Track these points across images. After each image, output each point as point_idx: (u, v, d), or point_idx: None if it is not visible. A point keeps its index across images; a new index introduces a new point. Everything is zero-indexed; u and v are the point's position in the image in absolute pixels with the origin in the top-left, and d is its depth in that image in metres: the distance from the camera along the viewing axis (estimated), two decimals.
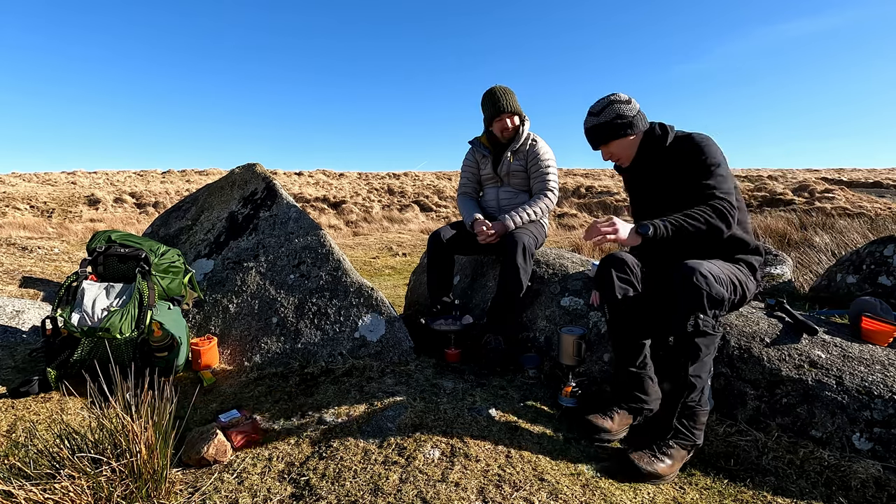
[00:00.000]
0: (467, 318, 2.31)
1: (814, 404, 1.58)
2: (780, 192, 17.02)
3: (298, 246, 2.53)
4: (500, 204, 2.54)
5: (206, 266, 2.61)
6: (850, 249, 4.30)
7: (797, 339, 1.79)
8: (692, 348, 1.46)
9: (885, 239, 3.31)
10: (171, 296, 2.21)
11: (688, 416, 1.47)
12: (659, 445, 1.44)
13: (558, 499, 1.28)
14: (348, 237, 11.67)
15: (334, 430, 1.62)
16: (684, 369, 1.46)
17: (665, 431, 1.47)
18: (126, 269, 2.08)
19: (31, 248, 4.97)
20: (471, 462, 1.43)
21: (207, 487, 1.33)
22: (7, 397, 1.80)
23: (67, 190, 19.01)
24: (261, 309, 2.36)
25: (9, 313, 2.66)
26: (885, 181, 20.06)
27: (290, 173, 25.10)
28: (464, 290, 2.78)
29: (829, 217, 8.05)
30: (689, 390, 1.46)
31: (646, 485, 1.37)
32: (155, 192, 19.00)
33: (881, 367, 1.63)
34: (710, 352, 1.49)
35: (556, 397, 1.87)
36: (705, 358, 1.47)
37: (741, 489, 1.38)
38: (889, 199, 15.55)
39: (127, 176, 24.99)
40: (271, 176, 2.96)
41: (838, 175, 22.98)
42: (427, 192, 20.08)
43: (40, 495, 1.09)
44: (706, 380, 1.50)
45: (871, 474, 1.38)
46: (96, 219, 13.69)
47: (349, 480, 1.34)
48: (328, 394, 1.89)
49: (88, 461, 1.18)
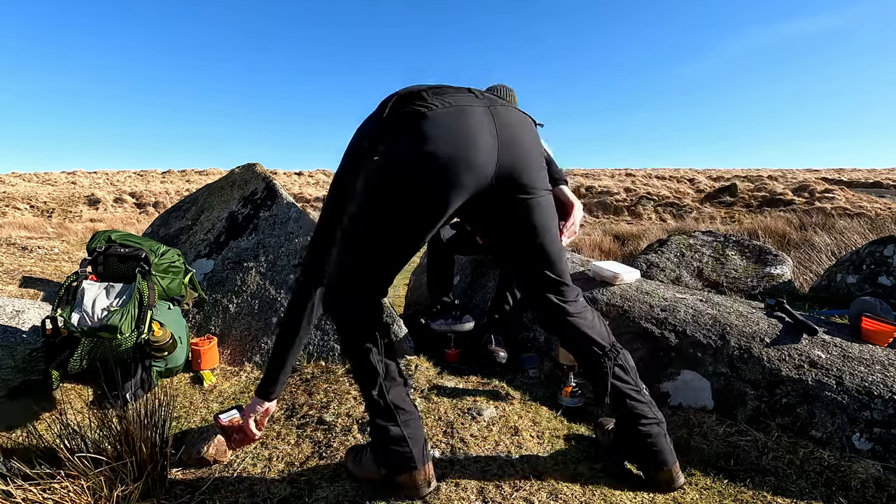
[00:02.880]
0: (467, 319, 2.31)
1: (814, 404, 1.58)
2: (780, 192, 17.03)
3: (299, 246, 2.53)
4: None
5: (206, 266, 2.61)
6: (850, 249, 4.31)
7: (797, 339, 1.79)
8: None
9: (885, 239, 3.31)
10: (171, 296, 2.21)
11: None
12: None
13: (558, 499, 1.28)
14: None
15: (334, 430, 1.62)
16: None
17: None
18: (126, 269, 2.08)
19: (31, 248, 4.97)
20: (471, 462, 1.43)
21: (207, 487, 1.33)
22: (7, 397, 1.80)
23: (67, 190, 19.01)
24: (261, 309, 2.36)
25: (9, 313, 2.66)
26: (885, 181, 20.06)
27: (290, 173, 25.10)
28: (464, 290, 2.78)
29: (829, 217, 8.06)
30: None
31: (646, 484, 1.37)
32: (155, 192, 19.00)
33: (881, 367, 1.63)
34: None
35: (556, 397, 1.87)
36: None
37: (741, 489, 1.37)
38: (889, 199, 15.55)
39: (127, 176, 25.00)
40: (271, 176, 2.96)
41: (838, 175, 22.98)
42: None
43: (40, 495, 1.09)
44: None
45: (871, 474, 1.38)
46: (96, 219, 13.69)
47: (349, 481, 1.34)
48: (328, 394, 1.89)
49: (88, 461, 1.18)
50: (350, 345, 1.27)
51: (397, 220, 1.17)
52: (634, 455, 1.39)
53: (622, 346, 1.41)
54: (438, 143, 1.08)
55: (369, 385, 1.26)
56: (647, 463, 1.36)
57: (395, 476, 1.25)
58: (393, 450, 1.24)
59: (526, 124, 1.23)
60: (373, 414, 1.27)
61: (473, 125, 1.11)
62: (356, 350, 1.26)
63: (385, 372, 1.26)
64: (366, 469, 1.32)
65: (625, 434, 1.39)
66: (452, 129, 1.09)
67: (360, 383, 1.29)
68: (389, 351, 1.29)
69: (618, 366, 1.35)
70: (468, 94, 1.16)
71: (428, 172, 1.10)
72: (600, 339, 1.36)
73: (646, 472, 1.37)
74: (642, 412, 1.34)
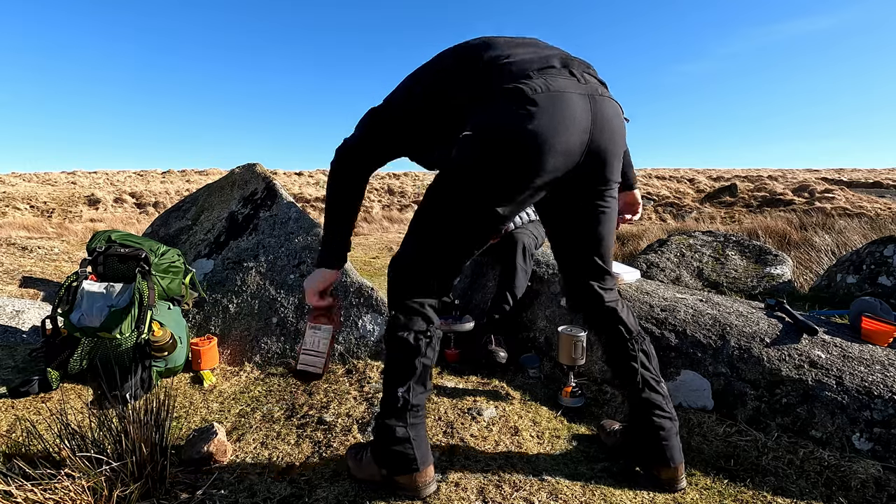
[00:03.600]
0: (467, 319, 2.31)
1: (814, 404, 1.58)
2: (780, 192, 17.03)
3: (298, 246, 2.53)
4: None
5: (206, 266, 2.61)
6: (850, 249, 4.31)
7: (797, 339, 1.79)
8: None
9: (885, 239, 3.32)
10: (171, 296, 2.21)
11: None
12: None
13: (558, 499, 1.28)
14: None
15: (334, 430, 1.62)
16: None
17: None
18: (126, 269, 2.07)
19: (31, 248, 4.97)
20: (471, 462, 1.43)
21: (207, 487, 1.33)
22: (7, 397, 1.80)
23: (67, 190, 19.01)
24: (261, 309, 2.36)
25: (9, 313, 2.66)
26: (885, 181, 20.06)
27: (290, 173, 25.10)
28: (464, 290, 2.78)
29: (829, 217, 8.06)
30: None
31: (646, 484, 1.37)
32: (155, 192, 19.00)
33: (881, 367, 1.63)
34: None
35: (556, 397, 1.87)
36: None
37: (741, 489, 1.37)
38: (889, 199, 15.55)
39: (127, 176, 25.00)
40: (271, 176, 2.96)
41: (838, 175, 22.98)
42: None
43: (40, 495, 1.09)
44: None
45: (871, 474, 1.38)
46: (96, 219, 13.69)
47: (349, 480, 1.34)
48: (328, 394, 1.89)
49: (88, 461, 1.18)
50: (400, 342, 1.25)
51: (476, 200, 1.16)
52: (642, 449, 1.38)
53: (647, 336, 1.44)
54: (538, 126, 1.09)
55: (399, 382, 1.24)
56: (653, 458, 1.35)
57: (397, 477, 1.25)
58: (396, 451, 1.23)
59: (619, 118, 1.25)
60: (386, 412, 1.26)
61: (573, 113, 1.13)
62: (405, 348, 1.24)
63: (420, 374, 1.25)
64: (365, 469, 1.32)
65: (637, 425, 1.39)
66: (553, 114, 1.11)
67: (390, 377, 1.26)
68: (432, 355, 1.28)
69: (642, 351, 1.39)
70: (571, 77, 1.17)
71: (523, 153, 1.11)
72: (629, 324, 1.40)
73: (650, 469, 1.37)
74: (659, 403, 1.35)
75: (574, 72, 1.19)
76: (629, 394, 1.40)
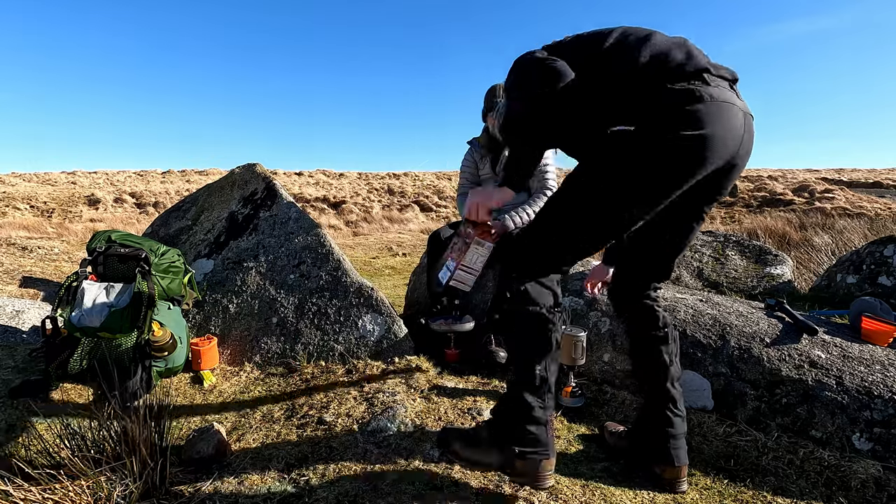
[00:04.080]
0: (467, 319, 2.31)
1: (814, 404, 1.58)
2: (780, 192, 17.03)
3: (298, 246, 2.53)
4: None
5: (206, 266, 2.61)
6: (850, 249, 4.31)
7: (797, 339, 1.79)
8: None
9: (885, 239, 3.32)
10: (171, 296, 2.21)
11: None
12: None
13: (558, 499, 1.28)
14: (348, 237, 11.66)
15: (334, 430, 1.62)
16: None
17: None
18: (126, 269, 2.07)
19: (31, 248, 4.97)
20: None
21: (207, 487, 1.33)
22: (7, 397, 1.80)
23: (67, 190, 19.01)
24: (261, 309, 2.36)
25: (9, 313, 2.66)
26: (885, 181, 20.06)
27: (290, 173, 25.09)
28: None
29: (829, 217, 8.06)
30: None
31: (646, 484, 1.37)
32: (155, 192, 19.00)
33: (881, 367, 1.63)
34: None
35: (557, 397, 1.87)
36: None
37: (741, 489, 1.37)
38: (889, 199, 15.55)
39: (127, 176, 25.00)
40: (271, 176, 2.96)
41: (838, 175, 22.98)
42: (427, 192, 20.08)
43: (40, 495, 1.09)
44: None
45: (871, 474, 1.38)
46: (96, 219, 13.68)
47: (349, 480, 1.34)
48: (328, 394, 1.89)
49: (88, 461, 1.18)
50: (533, 316, 1.25)
51: (625, 199, 1.15)
52: (648, 445, 1.39)
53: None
54: (712, 133, 1.10)
55: (536, 358, 1.22)
56: (658, 455, 1.36)
57: (520, 461, 1.19)
58: (531, 431, 1.19)
59: (753, 135, 1.26)
60: (521, 389, 1.21)
61: (736, 124, 1.15)
62: (539, 320, 1.24)
63: (554, 350, 1.25)
64: (484, 451, 1.26)
65: (648, 419, 1.40)
66: (720, 120, 1.12)
67: (524, 353, 1.24)
68: (560, 332, 1.30)
69: (675, 341, 1.41)
70: (731, 90, 1.18)
71: (691, 158, 1.11)
72: (663, 317, 1.44)
73: (653, 467, 1.37)
74: (676, 399, 1.37)
75: (733, 86, 1.20)
76: (651, 385, 1.40)
